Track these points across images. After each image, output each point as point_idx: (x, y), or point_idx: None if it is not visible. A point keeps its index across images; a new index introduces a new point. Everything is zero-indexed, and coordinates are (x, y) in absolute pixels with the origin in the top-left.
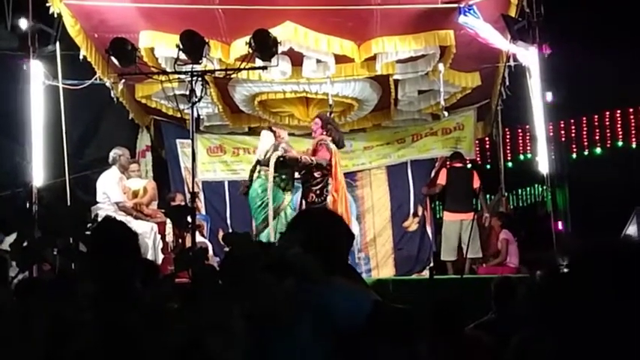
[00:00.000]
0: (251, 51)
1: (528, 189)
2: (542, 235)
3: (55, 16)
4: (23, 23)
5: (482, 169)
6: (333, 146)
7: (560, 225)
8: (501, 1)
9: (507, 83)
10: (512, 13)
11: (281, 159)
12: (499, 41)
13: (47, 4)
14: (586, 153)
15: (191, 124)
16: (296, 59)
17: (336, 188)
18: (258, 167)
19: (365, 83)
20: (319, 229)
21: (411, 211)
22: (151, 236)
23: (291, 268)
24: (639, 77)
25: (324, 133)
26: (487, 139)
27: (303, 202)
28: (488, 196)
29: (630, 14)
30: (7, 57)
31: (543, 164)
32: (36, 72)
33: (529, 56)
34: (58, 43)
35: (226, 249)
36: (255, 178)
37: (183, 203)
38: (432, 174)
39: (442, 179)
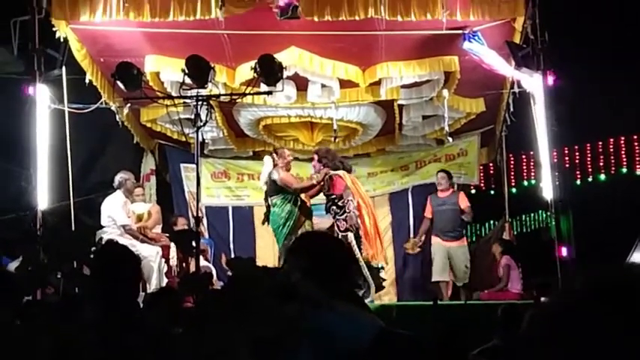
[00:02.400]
0: (256, 76)
1: (532, 215)
2: (547, 262)
3: (62, 40)
4: (29, 47)
5: (468, 191)
6: (341, 172)
7: (564, 251)
8: (506, 28)
9: (512, 109)
10: (517, 39)
11: (269, 184)
12: (503, 68)
13: (54, 29)
14: (590, 179)
15: (196, 149)
16: (301, 84)
17: (359, 206)
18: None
19: (369, 108)
20: (321, 254)
21: (412, 234)
22: (155, 260)
23: (295, 293)
24: None
25: (322, 167)
26: (491, 165)
27: (337, 232)
28: (492, 222)
29: (634, 42)
30: (13, 81)
31: (547, 190)
32: (42, 96)
33: (533, 83)
34: (64, 68)
35: (230, 273)
36: (271, 205)
37: (185, 227)
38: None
39: (428, 212)
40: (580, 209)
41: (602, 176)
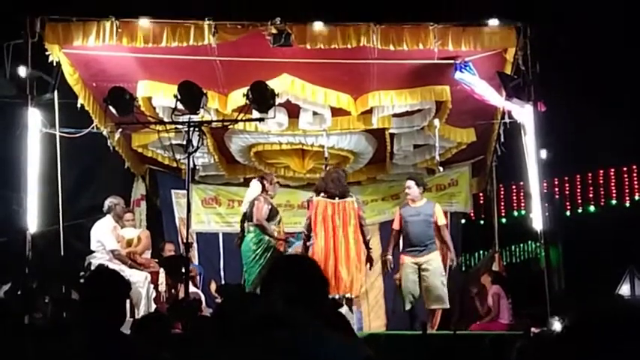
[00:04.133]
0: (248, 102)
1: (522, 245)
2: (536, 292)
3: (54, 64)
4: (22, 71)
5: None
6: (315, 198)
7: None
8: (497, 59)
9: (502, 140)
10: (508, 70)
11: (249, 209)
12: (494, 98)
13: (46, 53)
14: (580, 211)
15: (187, 175)
16: (293, 111)
17: (315, 231)
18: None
19: (361, 136)
20: (305, 278)
21: None
22: (144, 285)
23: (283, 319)
24: (634, 136)
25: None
26: (481, 194)
27: None
28: (481, 251)
29: (625, 73)
30: (5, 104)
31: (537, 221)
32: (33, 120)
33: (524, 113)
34: (56, 92)
35: (219, 300)
36: (246, 231)
37: (172, 253)
38: None
39: (396, 224)
40: (570, 240)
41: (592, 208)
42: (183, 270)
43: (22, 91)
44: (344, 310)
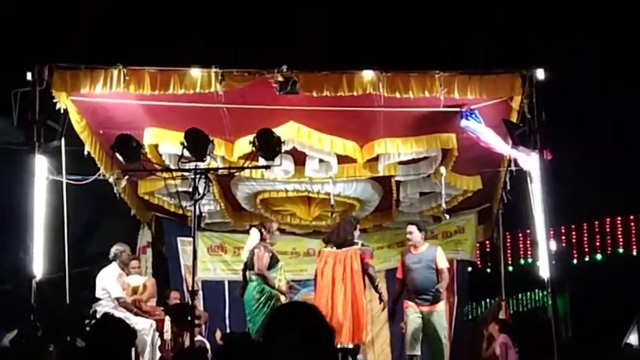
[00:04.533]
0: (254, 150)
1: (529, 294)
2: (544, 341)
3: (62, 111)
4: (29, 118)
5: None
6: (325, 249)
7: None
8: (503, 107)
9: (508, 187)
10: (514, 118)
11: (250, 258)
12: (500, 146)
13: (54, 100)
14: (587, 259)
15: (193, 222)
16: (299, 158)
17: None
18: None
19: (367, 184)
20: (310, 328)
21: None
22: (149, 333)
23: None
24: None
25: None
26: (488, 242)
27: None
28: (488, 300)
29: (630, 123)
30: (13, 151)
31: (544, 269)
32: (40, 167)
33: (530, 161)
34: (63, 139)
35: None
36: (249, 280)
37: (177, 301)
38: None
39: (399, 272)
40: (577, 289)
41: (599, 256)
42: (189, 318)
43: (30, 138)
44: None
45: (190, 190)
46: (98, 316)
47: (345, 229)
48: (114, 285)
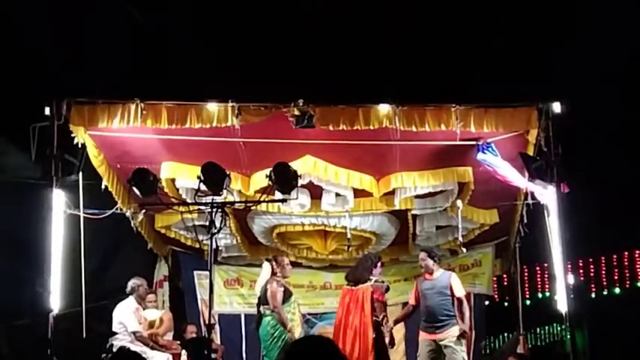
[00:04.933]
0: (271, 183)
1: (547, 328)
2: None
3: (79, 146)
4: (47, 153)
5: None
6: (346, 287)
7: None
8: (519, 140)
9: (525, 221)
10: (530, 151)
11: (263, 293)
12: (517, 179)
13: (72, 135)
14: (605, 293)
15: (209, 256)
16: (315, 192)
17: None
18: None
19: (383, 218)
20: None
21: None
22: None
23: None
24: None
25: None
26: (505, 276)
27: None
28: (506, 334)
29: None
30: (31, 186)
31: (562, 303)
32: (58, 201)
33: (547, 194)
34: (80, 173)
35: None
36: (262, 314)
37: (194, 335)
38: None
39: (412, 298)
40: (595, 322)
41: (617, 290)
42: (206, 352)
43: (47, 173)
44: None
45: (207, 224)
46: (115, 350)
47: (363, 267)
48: (131, 319)
